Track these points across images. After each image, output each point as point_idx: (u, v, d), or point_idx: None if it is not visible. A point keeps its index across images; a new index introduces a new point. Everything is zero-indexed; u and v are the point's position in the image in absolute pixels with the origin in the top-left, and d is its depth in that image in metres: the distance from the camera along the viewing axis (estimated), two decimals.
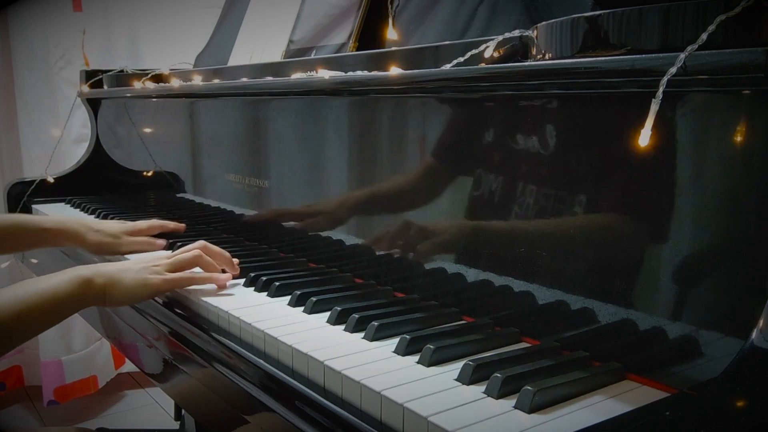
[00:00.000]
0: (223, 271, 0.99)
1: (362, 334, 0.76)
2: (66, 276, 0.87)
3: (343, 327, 0.79)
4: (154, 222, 1.25)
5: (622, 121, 0.65)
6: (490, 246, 0.80)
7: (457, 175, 0.83)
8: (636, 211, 0.65)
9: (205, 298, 0.91)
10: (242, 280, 0.98)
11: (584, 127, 0.70)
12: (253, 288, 0.95)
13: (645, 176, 0.64)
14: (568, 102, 0.71)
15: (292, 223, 1.12)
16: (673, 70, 0.56)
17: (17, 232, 1.19)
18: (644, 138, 0.58)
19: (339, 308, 0.81)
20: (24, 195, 1.73)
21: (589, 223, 0.69)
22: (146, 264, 0.94)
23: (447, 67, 0.83)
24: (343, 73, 0.98)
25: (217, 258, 0.99)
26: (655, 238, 0.63)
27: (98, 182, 1.83)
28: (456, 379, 0.64)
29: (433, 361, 0.68)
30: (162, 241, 1.22)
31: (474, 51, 0.82)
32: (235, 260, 1.01)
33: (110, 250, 1.19)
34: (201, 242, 0.99)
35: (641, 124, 0.58)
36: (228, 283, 0.97)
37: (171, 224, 1.26)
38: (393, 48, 1.06)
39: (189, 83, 1.42)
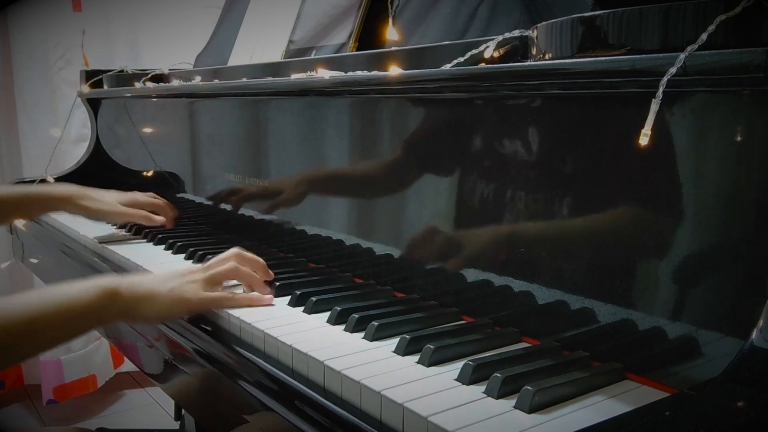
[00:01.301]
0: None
1: (362, 334, 0.76)
2: (87, 286, 0.79)
3: (343, 327, 0.79)
4: (154, 199, 1.31)
5: (622, 121, 0.65)
6: (490, 246, 0.80)
7: (458, 174, 0.83)
8: (636, 211, 0.65)
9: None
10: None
11: (584, 127, 0.70)
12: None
13: (645, 176, 0.64)
14: (568, 102, 0.71)
15: (292, 223, 1.12)
16: (673, 70, 0.56)
17: (24, 201, 1.25)
18: (644, 138, 0.58)
19: (339, 308, 0.81)
20: None
21: (589, 223, 0.69)
22: (181, 279, 0.86)
23: (447, 67, 0.83)
24: (343, 73, 0.98)
25: (252, 265, 0.92)
26: (655, 238, 0.63)
27: (98, 182, 1.82)
28: (456, 379, 0.64)
29: (433, 361, 0.68)
30: (160, 218, 1.27)
31: (474, 51, 0.82)
32: (271, 273, 0.94)
33: (108, 219, 1.28)
34: (235, 250, 0.92)
35: (641, 124, 0.58)
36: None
37: (166, 208, 1.31)
38: (393, 48, 1.06)
39: (189, 83, 1.42)
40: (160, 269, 1.06)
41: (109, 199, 1.27)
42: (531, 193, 0.74)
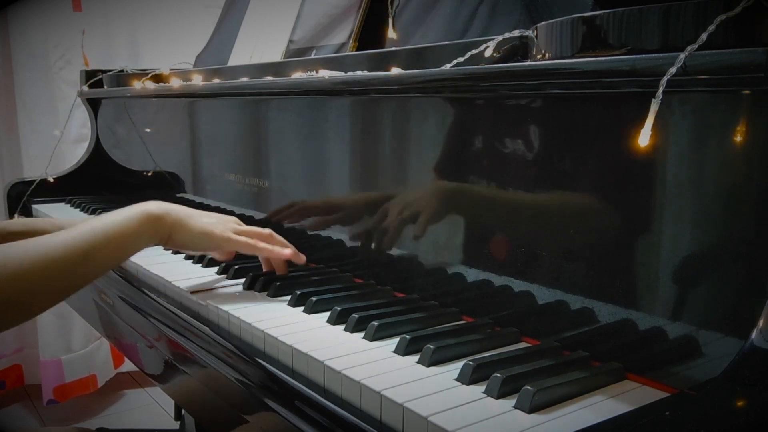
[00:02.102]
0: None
1: (362, 334, 0.76)
2: (133, 212, 0.86)
3: (343, 327, 0.79)
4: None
5: (622, 121, 0.65)
6: (490, 246, 0.80)
7: (458, 174, 0.83)
8: (636, 211, 0.65)
9: (205, 299, 0.91)
10: (242, 281, 0.98)
11: (584, 127, 0.70)
12: (253, 289, 0.95)
13: (645, 176, 0.64)
14: (568, 102, 0.71)
15: (292, 223, 1.12)
16: (673, 70, 0.56)
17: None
18: (644, 138, 0.58)
19: (339, 308, 0.81)
20: (24, 195, 1.73)
21: (589, 223, 0.69)
22: (216, 218, 0.94)
23: (447, 67, 0.83)
24: (343, 73, 0.98)
25: (281, 245, 0.98)
26: (655, 238, 0.63)
27: (98, 182, 1.83)
28: (456, 379, 0.64)
29: (433, 361, 0.68)
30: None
31: (474, 51, 0.82)
32: (303, 256, 0.99)
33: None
34: (268, 230, 0.98)
35: (641, 124, 0.58)
36: (227, 283, 0.97)
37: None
38: (393, 48, 1.06)
39: (189, 83, 1.42)
40: (158, 267, 1.06)
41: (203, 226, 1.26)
42: (531, 192, 0.74)
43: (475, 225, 0.82)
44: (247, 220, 1.24)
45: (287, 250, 0.96)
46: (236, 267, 1.02)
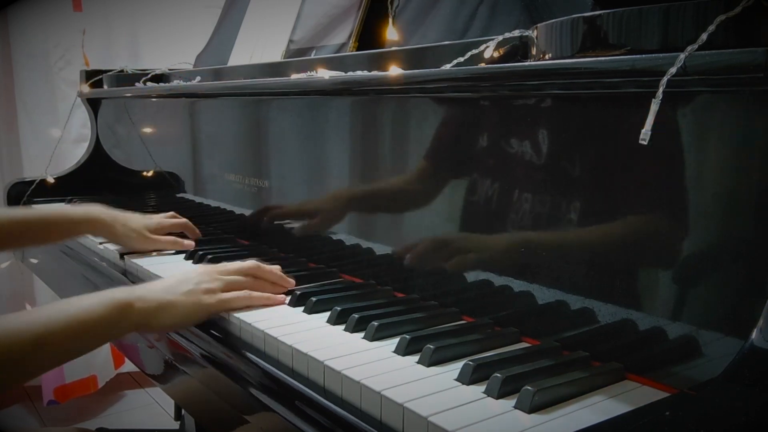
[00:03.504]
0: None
1: (362, 334, 0.76)
2: (99, 299, 0.77)
3: (343, 327, 0.79)
4: (178, 220, 1.24)
5: (622, 122, 0.65)
6: (491, 246, 0.80)
7: (458, 174, 0.83)
8: (636, 211, 0.65)
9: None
10: None
11: (584, 128, 0.70)
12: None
13: (645, 176, 0.64)
14: (568, 102, 0.71)
15: (292, 223, 1.12)
16: (673, 70, 0.56)
17: (45, 225, 1.16)
18: (644, 138, 0.58)
19: (339, 308, 0.81)
20: (24, 195, 1.73)
21: (589, 224, 0.69)
22: (196, 283, 0.84)
23: (447, 67, 0.83)
24: (343, 73, 0.98)
25: (271, 277, 0.91)
26: (655, 238, 0.63)
27: (98, 182, 1.83)
28: (456, 379, 0.64)
29: (433, 361, 0.68)
30: (190, 242, 1.20)
31: (474, 51, 0.82)
32: (291, 280, 0.93)
33: (137, 247, 1.17)
34: (253, 262, 0.91)
35: (641, 125, 0.58)
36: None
37: (193, 229, 1.25)
38: (393, 48, 1.06)
39: (189, 83, 1.42)
40: (159, 266, 1.06)
41: (137, 225, 1.19)
42: (531, 192, 0.74)
43: (474, 224, 0.82)
44: (247, 220, 1.24)
45: (280, 296, 0.89)
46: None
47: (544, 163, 0.73)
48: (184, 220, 1.25)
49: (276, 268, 0.93)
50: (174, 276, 0.87)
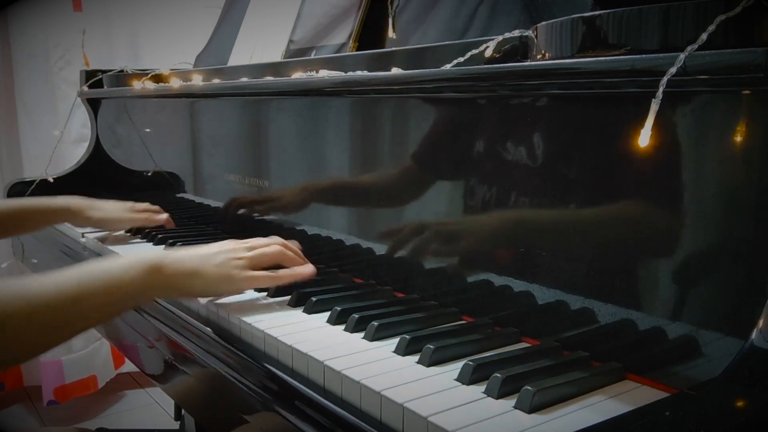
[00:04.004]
0: None
1: (362, 334, 0.76)
2: (131, 262, 0.78)
3: (343, 327, 0.79)
4: (152, 207, 1.35)
5: (622, 122, 0.65)
6: (491, 246, 0.80)
7: (457, 174, 0.83)
8: (636, 211, 0.65)
9: (205, 300, 0.91)
10: None
11: (584, 128, 0.70)
12: (252, 288, 0.95)
13: (645, 176, 0.64)
14: (568, 102, 0.71)
15: (291, 223, 1.12)
16: (673, 70, 0.56)
17: (25, 215, 1.23)
18: (644, 138, 0.58)
19: (339, 308, 0.81)
20: (24, 195, 1.73)
21: (589, 223, 0.69)
22: (226, 255, 0.85)
23: (447, 67, 0.83)
24: (343, 73, 0.98)
25: (295, 260, 0.92)
26: (655, 238, 0.63)
27: (98, 182, 1.83)
28: (456, 379, 0.64)
29: (433, 361, 0.68)
30: (162, 216, 1.32)
31: (474, 51, 0.82)
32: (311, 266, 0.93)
33: (110, 226, 1.30)
34: (278, 239, 0.92)
35: (641, 125, 0.58)
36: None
37: (164, 212, 1.34)
38: (393, 48, 1.06)
39: (189, 83, 1.42)
40: None
41: (112, 207, 1.29)
42: (531, 193, 0.74)
43: (475, 224, 0.82)
44: (247, 220, 1.24)
45: (308, 267, 0.90)
46: None
47: (545, 162, 0.73)
48: (157, 207, 1.36)
49: (296, 246, 0.95)
50: (206, 246, 0.88)
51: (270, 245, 0.90)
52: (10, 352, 0.69)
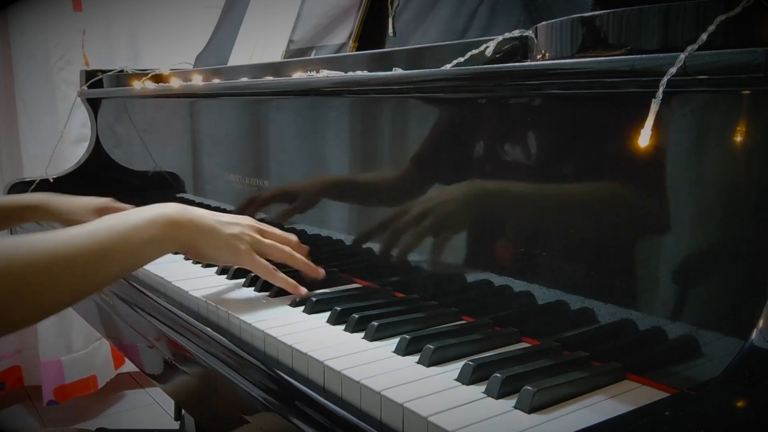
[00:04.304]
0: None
1: (362, 334, 0.76)
2: (153, 216, 0.81)
3: (342, 327, 0.79)
4: (118, 205, 1.33)
5: (622, 122, 0.65)
6: (491, 246, 0.80)
7: (457, 174, 0.83)
8: (636, 211, 0.65)
9: (205, 299, 0.91)
10: (242, 281, 0.98)
11: (584, 128, 0.70)
12: (253, 288, 0.95)
13: (645, 176, 0.64)
14: (568, 102, 0.71)
15: (292, 224, 1.12)
16: (673, 70, 0.56)
17: None
18: (644, 138, 0.58)
19: (339, 308, 0.81)
20: None
21: (589, 223, 0.69)
22: (242, 229, 0.88)
23: (447, 67, 0.83)
24: (343, 73, 0.98)
25: (302, 258, 0.94)
26: (655, 238, 0.63)
27: (98, 182, 1.83)
28: (456, 379, 0.64)
29: (433, 361, 0.68)
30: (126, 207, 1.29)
31: (474, 51, 0.82)
32: (321, 271, 0.94)
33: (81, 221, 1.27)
34: (294, 237, 0.94)
35: (641, 125, 0.58)
36: (227, 285, 0.97)
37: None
38: (393, 48, 1.06)
39: (189, 83, 1.42)
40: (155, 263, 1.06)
41: (82, 204, 1.27)
42: (531, 192, 0.74)
43: (474, 224, 0.82)
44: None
45: (302, 288, 0.90)
46: (237, 267, 1.02)
47: (545, 162, 0.73)
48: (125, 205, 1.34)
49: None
50: (226, 215, 0.91)
51: (284, 244, 0.92)
52: (41, 303, 0.71)
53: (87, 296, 0.79)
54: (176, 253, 0.94)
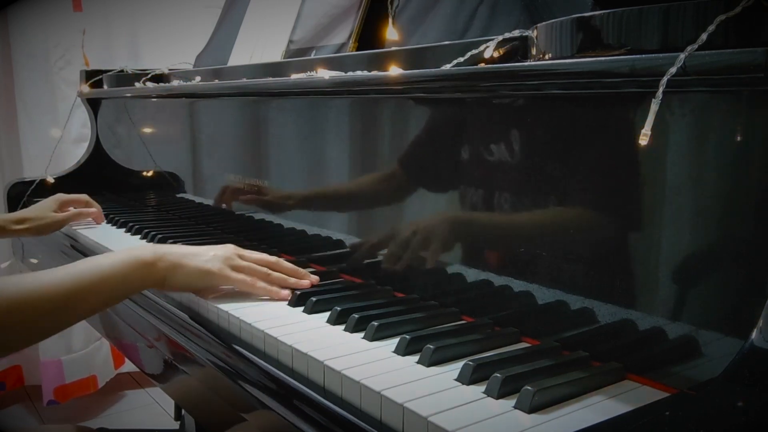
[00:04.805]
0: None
1: (362, 334, 0.76)
2: (124, 257, 0.85)
3: (343, 327, 0.79)
4: (77, 197, 1.41)
5: (622, 122, 0.65)
6: (490, 246, 0.80)
7: (457, 174, 0.83)
8: (636, 211, 0.65)
9: (205, 299, 0.91)
10: None
11: (584, 128, 0.70)
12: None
13: (645, 176, 0.64)
14: (567, 102, 0.71)
15: (292, 223, 1.12)
16: (673, 70, 0.56)
17: None
18: (644, 138, 0.58)
19: (339, 308, 0.81)
20: (24, 195, 1.73)
21: (589, 223, 0.69)
22: (214, 253, 0.91)
23: (447, 67, 0.83)
24: (343, 73, 0.98)
25: (288, 271, 0.94)
26: (655, 238, 0.63)
27: (98, 182, 1.83)
28: (456, 379, 0.64)
29: (433, 361, 0.68)
30: (93, 210, 1.38)
31: (474, 51, 0.82)
32: (315, 277, 0.95)
33: (48, 230, 1.35)
34: (274, 258, 0.95)
35: (641, 125, 0.58)
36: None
37: (88, 200, 1.41)
38: (393, 48, 1.06)
39: (189, 83, 1.42)
40: None
41: (41, 212, 1.33)
42: (531, 192, 0.74)
43: (475, 224, 0.82)
44: (247, 220, 1.24)
45: (284, 291, 0.90)
46: None
47: (545, 162, 0.73)
48: (76, 195, 1.41)
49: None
50: (205, 247, 0.93)
51: (263, 264, 0.93)
52: (26, 334, 0.79)
53: (66, 328, 0.84)
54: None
